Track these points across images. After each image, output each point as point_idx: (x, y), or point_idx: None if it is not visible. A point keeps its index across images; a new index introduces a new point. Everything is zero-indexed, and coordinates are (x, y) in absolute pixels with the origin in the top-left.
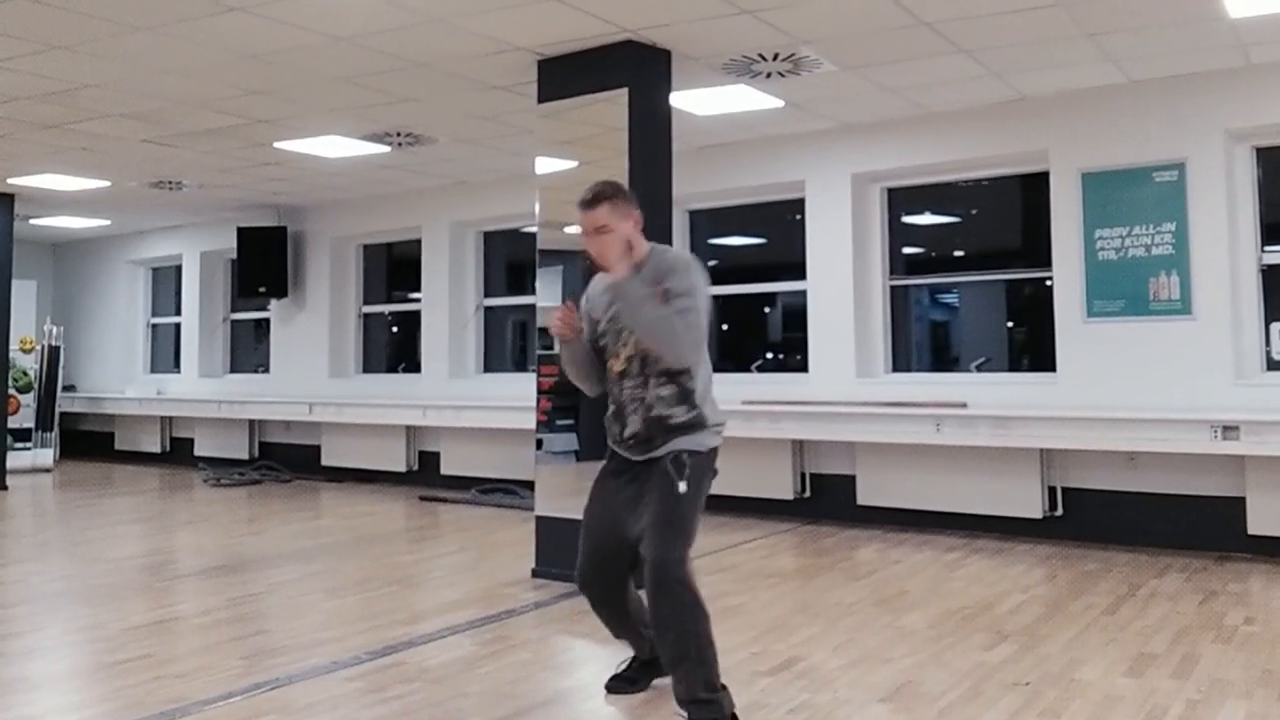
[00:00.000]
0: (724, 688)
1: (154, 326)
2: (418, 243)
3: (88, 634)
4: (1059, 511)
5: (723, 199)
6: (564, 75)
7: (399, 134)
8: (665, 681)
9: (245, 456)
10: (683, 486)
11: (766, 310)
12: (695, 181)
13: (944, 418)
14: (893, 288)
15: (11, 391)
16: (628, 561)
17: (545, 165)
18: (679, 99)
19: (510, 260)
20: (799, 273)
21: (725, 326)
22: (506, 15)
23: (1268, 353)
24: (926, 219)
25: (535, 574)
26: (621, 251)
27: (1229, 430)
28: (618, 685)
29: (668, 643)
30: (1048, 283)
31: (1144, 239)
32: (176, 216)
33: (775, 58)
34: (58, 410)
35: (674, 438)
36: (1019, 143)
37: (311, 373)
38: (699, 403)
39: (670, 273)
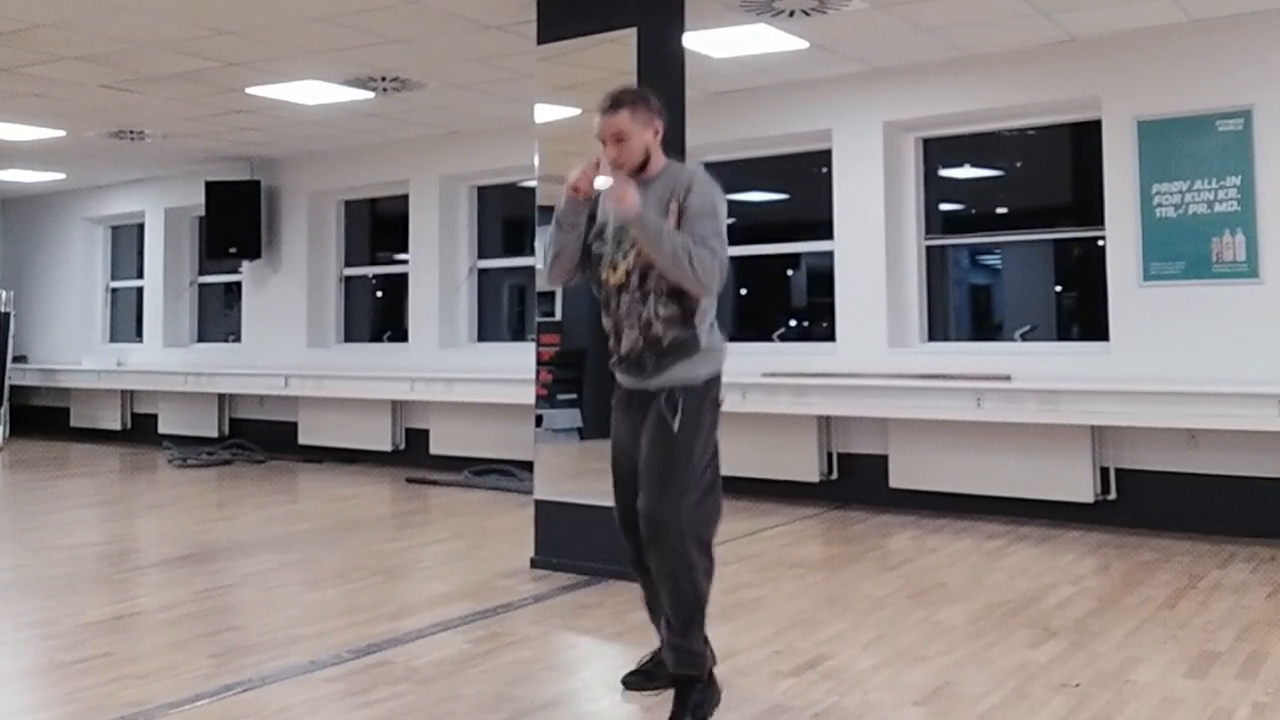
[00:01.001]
0: (706, 641)
1: (114, 291)
2: (405, 198)
3: (40, 630)
4: (1112, 495)
5: (741, 150)
6: (566, 13)
7: (384, 78)
8: None
9: (214, 434)
10: (676, 424)
11: (789, 273)
12: (711, 131)
13: (985, 392)
14: (929, 248)
15: None
16: None
17: (545, 113)
18: (693, 40)
19: (506, 218)
20: (825, 232)
21: (744, 291)
22: None
23: None
24: (966, 172)
25: (534, 564)
26: (638, 161)
27: None
28: (635, 681)
29: (665, 594)
30: (1099, 243)
31: (1206, 194)
32: (138, 170)
33: None
34: (7, 384)
35: (666, 365)
36: (1068, 88)
37: (287, 342)
38: (696, 324)
39: (687, 191)
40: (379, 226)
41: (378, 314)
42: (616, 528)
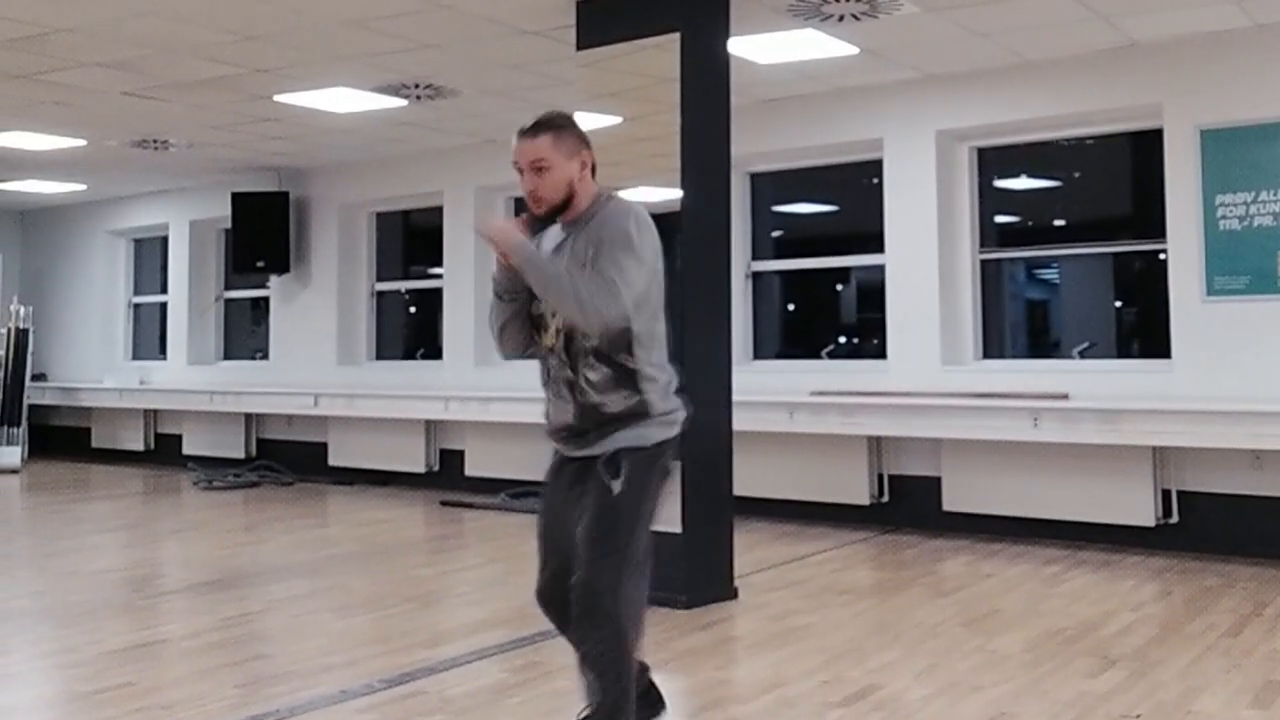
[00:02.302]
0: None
1: (136, 306)
2: (439, 210)
3: (59, 659)
4: (1174, 518)
5: (789, 160)
6: (607, 17)
7: (417, 85)
8: None
9: (241, 455)
10: (617, 487)
11: (839, 288)
12: (757, 140)
13: (1042, 411)
14: (983, 262)
15: None
16: None
17: (585, 121)
18: (739, 45)
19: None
20: (876, 245)
21: (791, 307)
22: None
23: None
24: (1022, 183)
25: None
26: (560, 197)
27: None
28: None
29: (588, 680)
30: (1161, 256)
31: (1272, 205)
32: (162, 180)
33: None
34: (26, 402)
35: (610, 432)
36: (1128, 95)
37: (317, 360)
38: (644, 388)
39: (602, 225)
40: (412, 239)
41: (411, 330)
42: (536, 597)
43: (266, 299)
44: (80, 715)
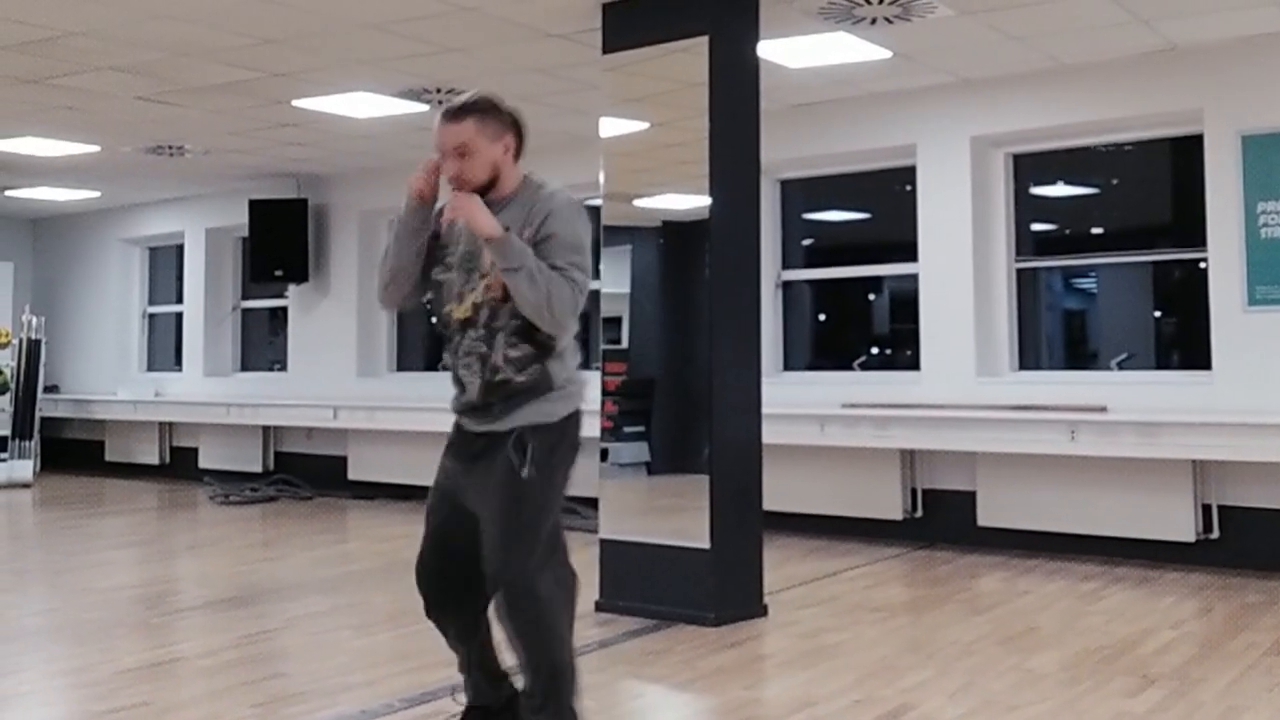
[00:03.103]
0: (574, 714)
1: (151, 317)
2: None
3: (72, 678)
4: (1215, 534)
5: (820, 167)
6: (634, 20)
7: (439, 90)
8: None
9: (258, 469)
10: (526, 471)
11: (871, 297)
12: (787, 146)
13: (1080, 424)
14: (1019, 271)
15: None
16: (476, 561)
17: (611, 127)
18: (768, 49)
19: None
20: (909, 253)
21: (823, 317)
22: None
23: None
24: (1059, 190)
25: (599, 607)
26: (484, 180)
27: None
28: None
29: (521, 663)
30: (1201, 265)
31: None
32: (178, 187)
33: (882, 0)
34: (38, 415)
35: (515, 407)
36: (1168, 100)
37: (337, 371)
38: (553, 365)
39: (546, 217)
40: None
41: (433, 341)
42: (416, 573)
43: (285, 309)
44: None
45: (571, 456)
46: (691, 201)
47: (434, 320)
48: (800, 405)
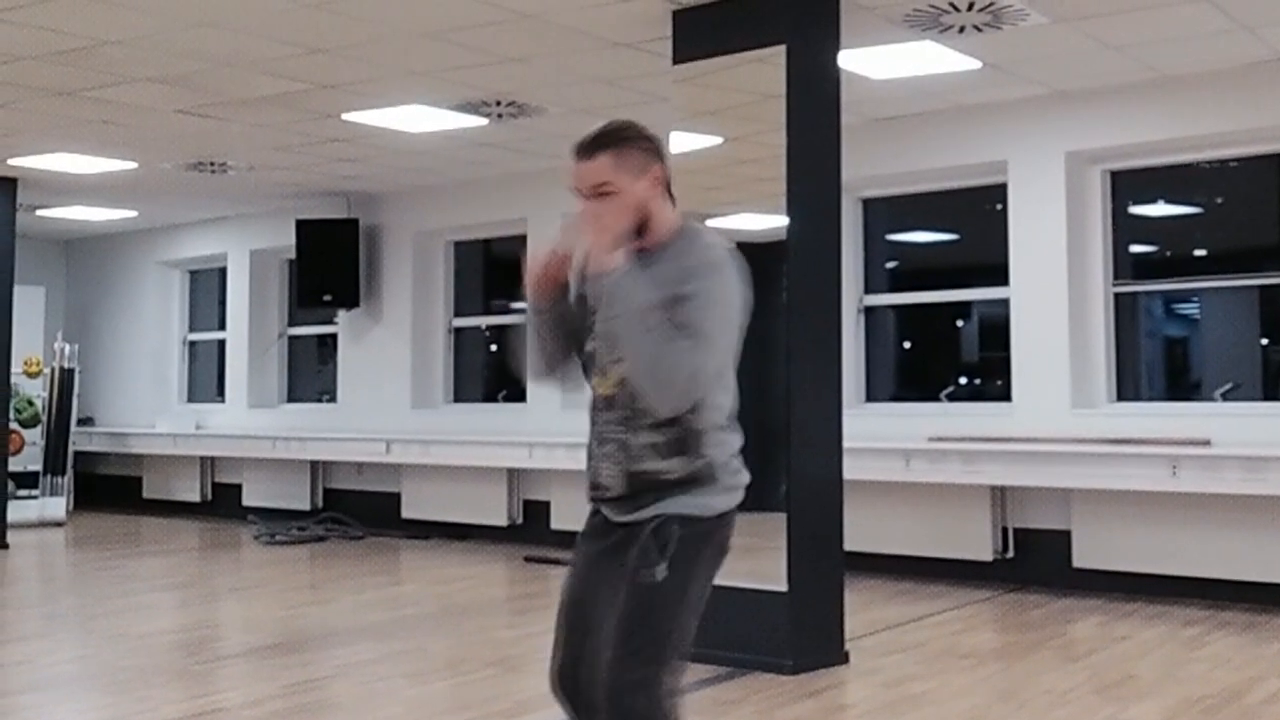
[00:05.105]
0: None
1: (192, 344)
2: (522, 239)
3: None
4: None
5: (904, 184)
6: (706, 29)
7: (499, 103)
8: None
9: (306, 507)
10: (661, 572)
11: (959, 324)
12: (870, 163)
13: (1182, 458)
14: (1117, 295)
15: (14, 426)
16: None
17: (682, 141)
18: (850, 59)
19: None
20: (999, 277)
21: (907, 345)
22: None
23: None
24: (1159, 209)
25: None
26: (629, 225)
27: None
28: None
29: None
30: None
31: None
32: (220, 206)
33: (970, 7)
34: (71, 449)
35: (664, 495)
36: (1275, 114)
37: (389, 402)
38: (707, 450)
39: (691, 276)
40: (493, 270)
41: (492, 370)
42: (549, 679)
43: (334, 336)
44: None
45: (717, 563)
46: (768, 222)
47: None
48: (883, 439)
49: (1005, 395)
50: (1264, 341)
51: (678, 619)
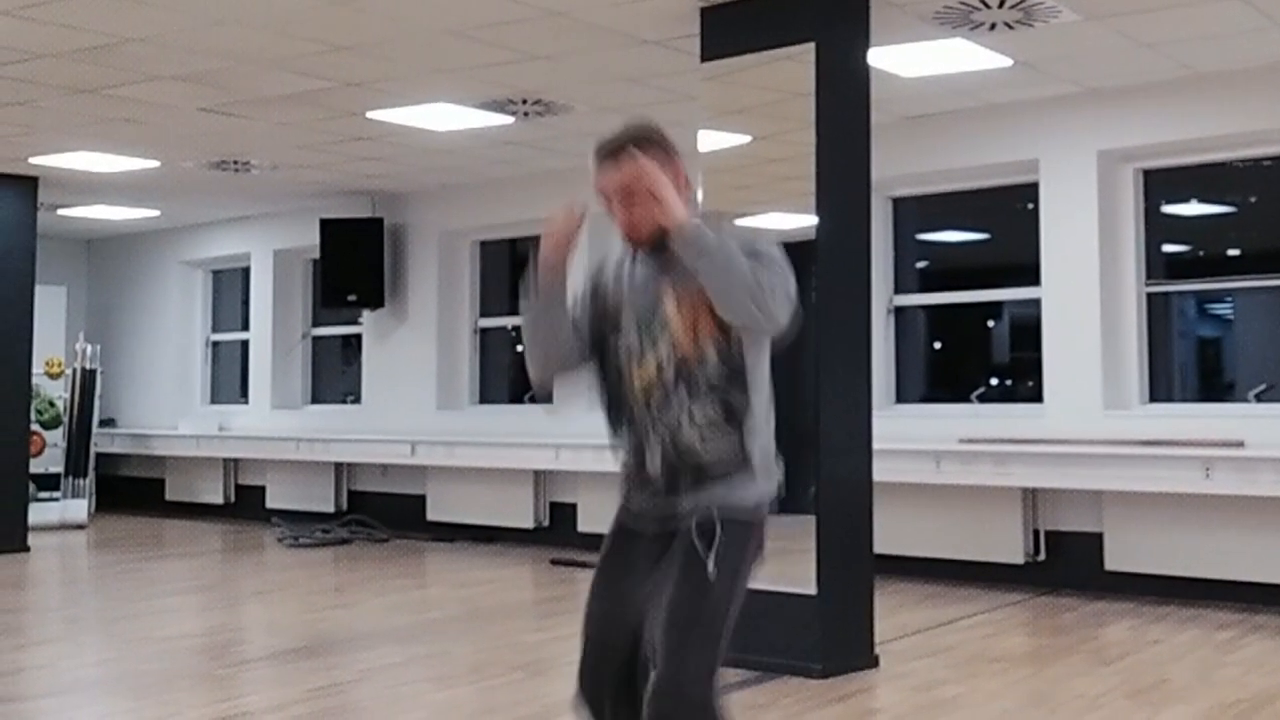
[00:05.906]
0: None
1: (215, 345)
2: None
3: None
4: None
5: (935, 183)
6: (734, 27)
7: (525, 101)
8: None
9: (330, 509)
10: (712, 568)
11: (990, 324)
12: (900, 162)
13: (1215, 460)
14: (1150, 296)
15: (35, 427)
16: (638, 658)
17: (710, 140)
18: (879, 57)
19: None
20: (1031, 277)
21: (938, 345)
22: None
23: None
24: (1193, 209)
25: None
26: (660, 223)
27: None
28: None
29: None
30: None
31: None
32: (243, 206)
33: (1002, 4)
34: (93, 451)
35: (706, 485)
36: None
37: (414, 404)
38: (748, 437)
39: (753, 243)
40: (519, 270)
41: (518, 371)
42: (578, 678)
43: (359, 336)
44: None
45: (758, 556)
46: (797, 221)
47: (598, 388)
48: (914, 440)
49: (1037, 396)
50: None
51: (729, 609)
